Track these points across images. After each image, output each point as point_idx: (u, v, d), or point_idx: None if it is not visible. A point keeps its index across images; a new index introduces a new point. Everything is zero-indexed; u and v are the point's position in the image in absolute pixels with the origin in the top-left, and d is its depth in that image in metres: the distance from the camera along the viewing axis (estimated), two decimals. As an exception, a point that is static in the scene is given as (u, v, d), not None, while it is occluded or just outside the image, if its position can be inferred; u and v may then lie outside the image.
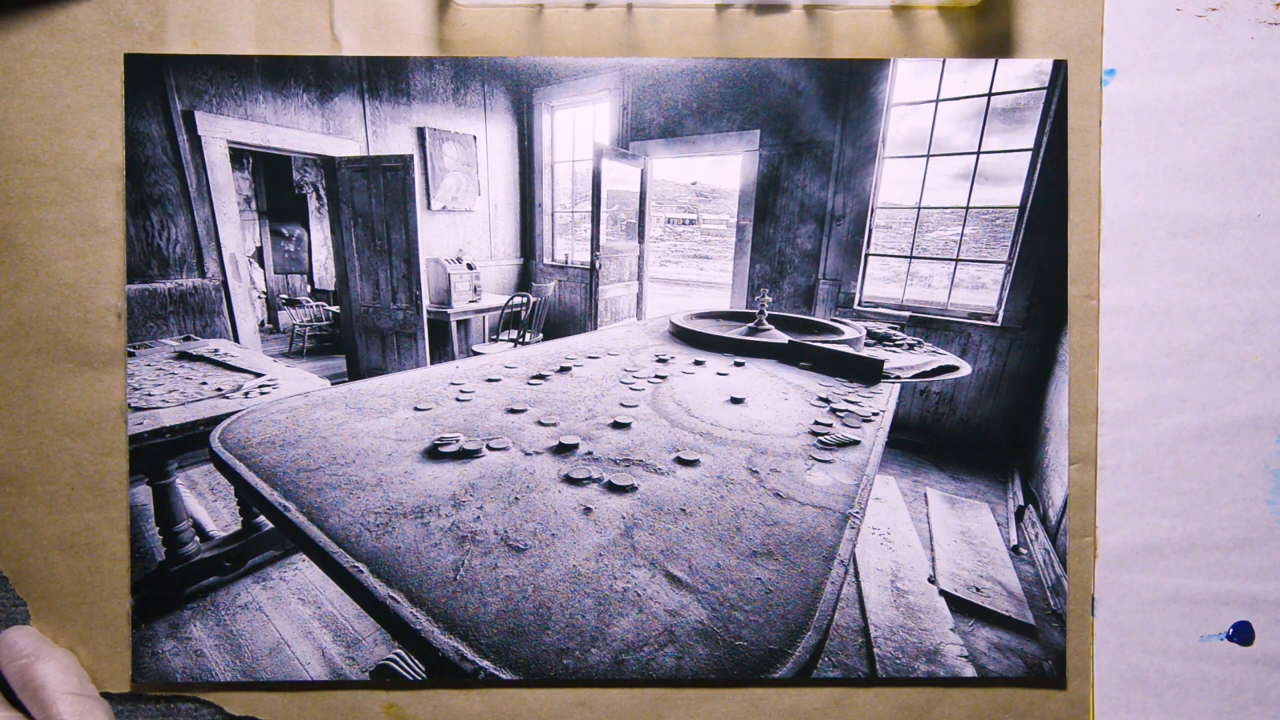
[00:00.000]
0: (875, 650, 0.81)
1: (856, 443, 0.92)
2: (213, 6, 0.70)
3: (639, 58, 0.75)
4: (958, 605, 0.88)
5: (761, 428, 0.94)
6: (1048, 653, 0.73)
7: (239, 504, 1.26)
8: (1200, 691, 0.69)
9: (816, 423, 0.88)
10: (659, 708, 0.71)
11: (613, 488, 0.81)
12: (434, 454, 0.89)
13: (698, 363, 1.37)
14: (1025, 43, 0.73)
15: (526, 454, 0.89)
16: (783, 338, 1.39)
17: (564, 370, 1.31)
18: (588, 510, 0.77)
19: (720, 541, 0.72)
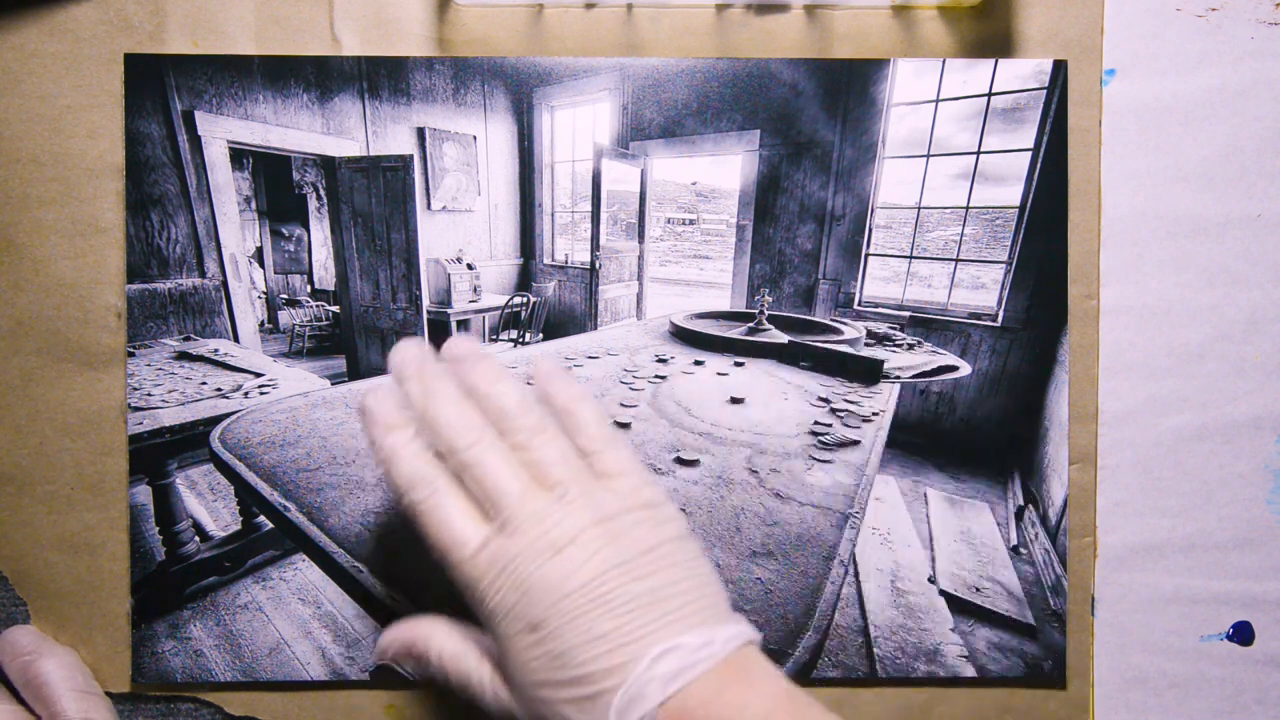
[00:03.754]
0: (875, 650, 0.81)
1: (856, 443, 0.92)
2: (213, 6, 0.71)
3: (639, 58, 0.75)
4: (958, 605, 0.88)
5: (761, 428, 0.94)
6: (1048, 653, 0.73)
7: (239, 504, 1.25)
8: (1200, 691, 0.69)
9: (816, 423, 0.88)
10: (659, 708, 0.70)
11: (613, 488, 0.81)
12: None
13: (698, 363, 1.37)
14: (1025, 43, 0.73)
15: (526, 454, 0.88)
16: (783, 338, 1.39)
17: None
18: (588, 510, 0.77)
19: (720, 541, 0.72)
